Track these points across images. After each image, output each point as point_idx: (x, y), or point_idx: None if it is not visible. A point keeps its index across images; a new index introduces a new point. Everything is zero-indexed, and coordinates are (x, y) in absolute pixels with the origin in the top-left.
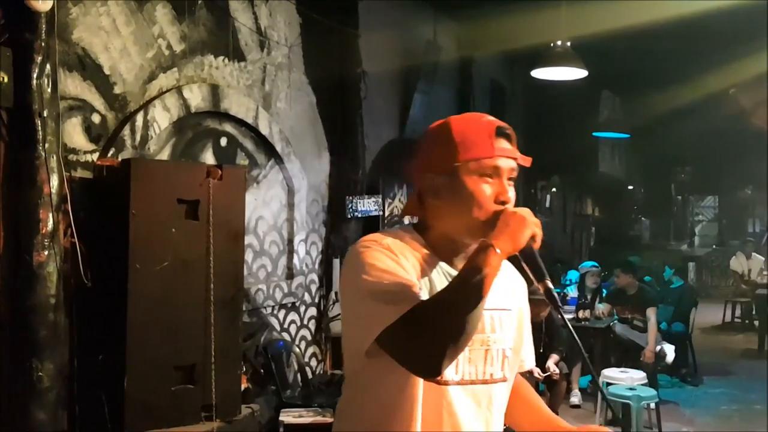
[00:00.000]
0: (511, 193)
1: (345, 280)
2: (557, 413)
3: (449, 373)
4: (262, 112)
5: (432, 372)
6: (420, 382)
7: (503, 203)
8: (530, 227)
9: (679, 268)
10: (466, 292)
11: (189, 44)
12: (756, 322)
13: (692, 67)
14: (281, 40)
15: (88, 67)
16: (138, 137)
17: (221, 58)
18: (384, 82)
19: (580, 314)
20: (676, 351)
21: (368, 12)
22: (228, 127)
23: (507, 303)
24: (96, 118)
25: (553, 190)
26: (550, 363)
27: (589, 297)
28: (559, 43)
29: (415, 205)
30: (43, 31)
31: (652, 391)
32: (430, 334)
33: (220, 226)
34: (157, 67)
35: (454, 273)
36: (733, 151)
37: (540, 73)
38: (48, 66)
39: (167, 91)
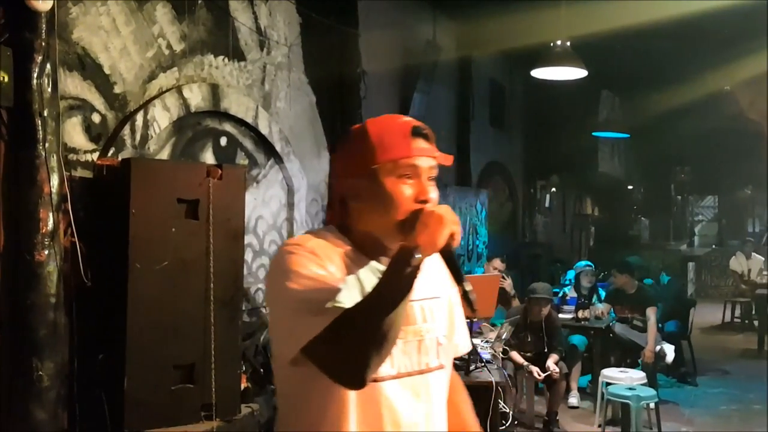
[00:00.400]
0: (433, 193)
1: (271, 287)
2: (557, 413)
3: (384, 368)
4: (261, 112)
5: (356, 383)
6: None
7: (424, 202)
8: (449, 226)
9: (675, 268)
10: (388, 301)
11: (189, 44)
12: (755, 322)
13: (691, 66)
14: (281, 39)
15: (88, 66)
16: (138, 137)
17: (221, 57)
18: (383, 82)
19: (580, 314)
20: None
21: (368, 12)
22: (228, 127)
23: (436, 291)
24: (96, 118)
25: (553, 189)
26: (550, 362)
27: (585, 296)
28: (558, 42)
29: (338, 210)
30: (43, 31)
31: (651, 391)
32: (354, 345)
33: (219, 225)
34: (157, 66)
35: (382, 268)
36: (732, 151)
37: (539, 73)
38: (48, 65)
39: (167, 90)
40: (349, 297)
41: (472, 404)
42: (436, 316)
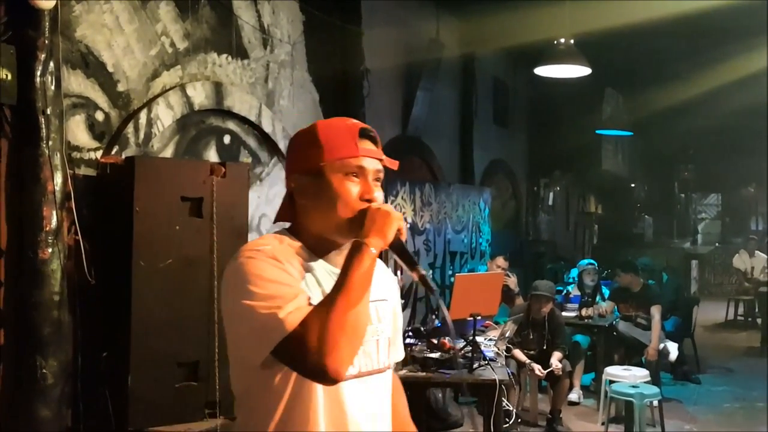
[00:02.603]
0: (378, 193)
1: (230, 293)
2: (560, 410)
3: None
4: (265, 110)
5: (333, 377)
6: (316, 384)
7: (369, 201)
8: (396, 221)
9: (679, 266)
10: (351, 293)
11: (192, 42)
12: (759, 320)
13: (695, 64)
14: (284, 37)
15: (91, 64)
16: (141, 135)
17: (224, 55)
18: (387, 80)
19: (583, 312)
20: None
21: (371, 9)
22: (231, 125)
23: (383, 294)
24: (99, 116)
25: (556, 187)
26: (553, 360)
27: (588, 294)
28: (562, 40)
29: (287, 208)
30: (47, 29)
31: (655, 389)
32: (325, 340)
33: (223, 223)
34: (160, 64)
35: (336, 269)
36: (736, 149)
37: (543, 71)
38: (51, 63)
39: (171, 88)
40: (311, 296)
41: (407, 406)
42: (385, 317)
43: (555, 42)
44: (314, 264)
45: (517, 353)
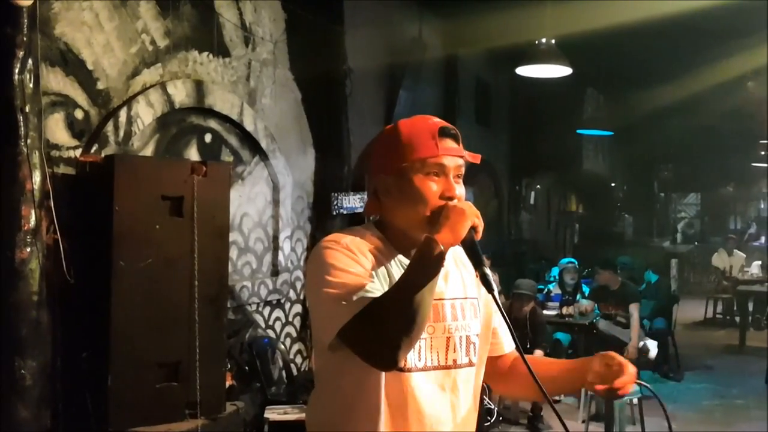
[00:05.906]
0: (459, 190)
1: (310, 279)
2: (541, 409)
3: (412, 360)
4: (246, 109)
5: (388, 364)
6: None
7: (450, 199)
8: (470, 219)
9: (659, 265)
10: (411, 287)
11: (173, 40)
12: (737, 318)
13: (676, 65)
14: (266, 36)
15: (70, 62)
16: (121, 133)
17: (206, 53)
18: (369, 79)
19: (564, 310)
20: (657, 347)
21: (353, 8)
22: (212, 124)
23: (472, 292)
24: (79, 114)
25: (538, 187)
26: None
27: (569, 293)
28: (543, 40)
29: (373, 204)
30: (25, 26)
31: (634, 387)
32: (383, 328)
33: (204, 222)
34: (140, 62)
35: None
36: (715, 149)
37: (525, 71)
38: (30, 61)
39: (151, 86)
40: (378, 287)
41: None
42: (468, 315)
43: (536, 42)
44: (390, 258)
45: None
